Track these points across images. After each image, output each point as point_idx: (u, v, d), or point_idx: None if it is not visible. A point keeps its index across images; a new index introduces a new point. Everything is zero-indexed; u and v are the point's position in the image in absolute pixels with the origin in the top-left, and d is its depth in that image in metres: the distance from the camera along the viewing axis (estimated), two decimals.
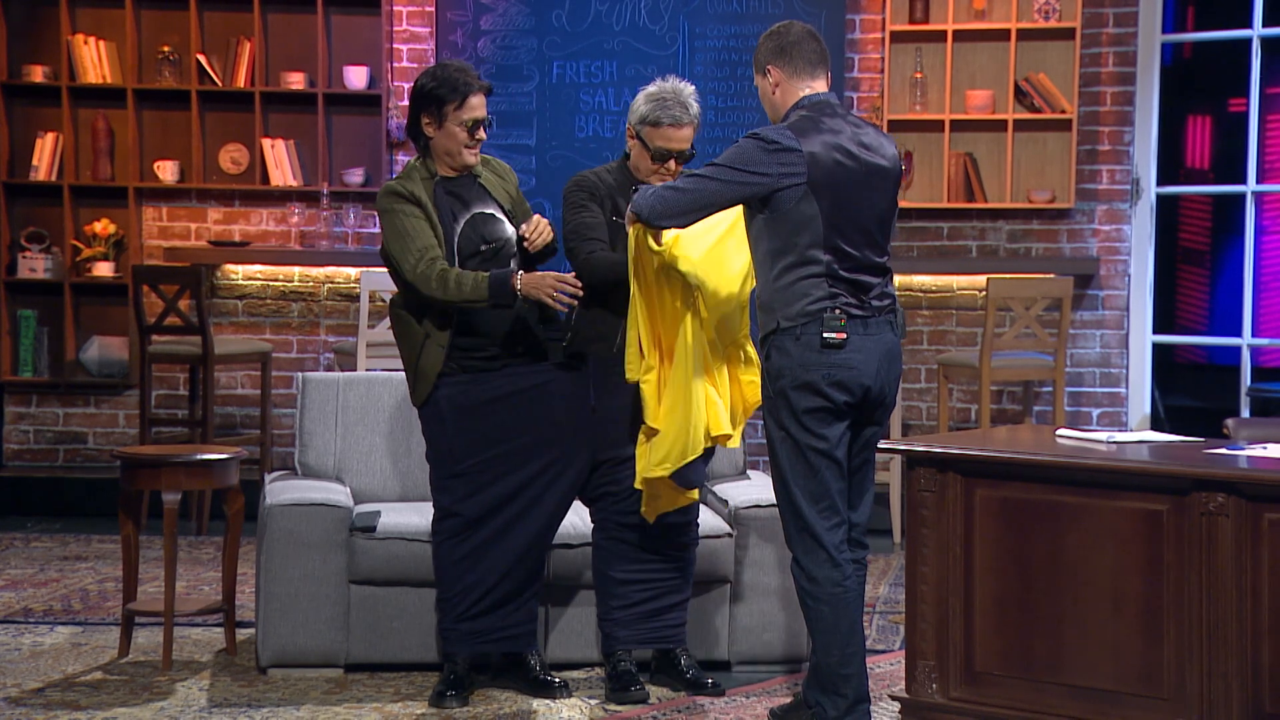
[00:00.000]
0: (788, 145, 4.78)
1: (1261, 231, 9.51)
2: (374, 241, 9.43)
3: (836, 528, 4.89)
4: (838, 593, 4.88)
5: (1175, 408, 9.84)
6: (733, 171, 4.79)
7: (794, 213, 4.79)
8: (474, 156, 5.53)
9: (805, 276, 4.81)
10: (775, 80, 4.97)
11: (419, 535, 5.71)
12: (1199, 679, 4.53)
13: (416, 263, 5.38)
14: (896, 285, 9.09)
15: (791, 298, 4.82)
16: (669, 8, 9.34)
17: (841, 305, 4.81)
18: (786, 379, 4.83)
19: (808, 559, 4.89)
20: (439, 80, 5.49)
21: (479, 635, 5.48)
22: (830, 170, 4.80)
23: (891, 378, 4.93)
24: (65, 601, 6.86)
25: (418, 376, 5.48)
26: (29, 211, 9.46)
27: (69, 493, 9.10)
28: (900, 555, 8.00)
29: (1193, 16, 10.17)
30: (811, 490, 4.86)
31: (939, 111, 9.19)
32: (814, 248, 4.79)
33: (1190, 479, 4.53)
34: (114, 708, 5.35)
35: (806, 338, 4.80)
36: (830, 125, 4.86)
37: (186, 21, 9.31)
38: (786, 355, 4.83)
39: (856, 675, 4.90)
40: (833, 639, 4.89)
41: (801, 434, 4.84)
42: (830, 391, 4.80)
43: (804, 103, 4.93)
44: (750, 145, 4.81)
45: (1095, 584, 4.66)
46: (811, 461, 4.85)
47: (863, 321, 4.84)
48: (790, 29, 4.99)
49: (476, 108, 5.47)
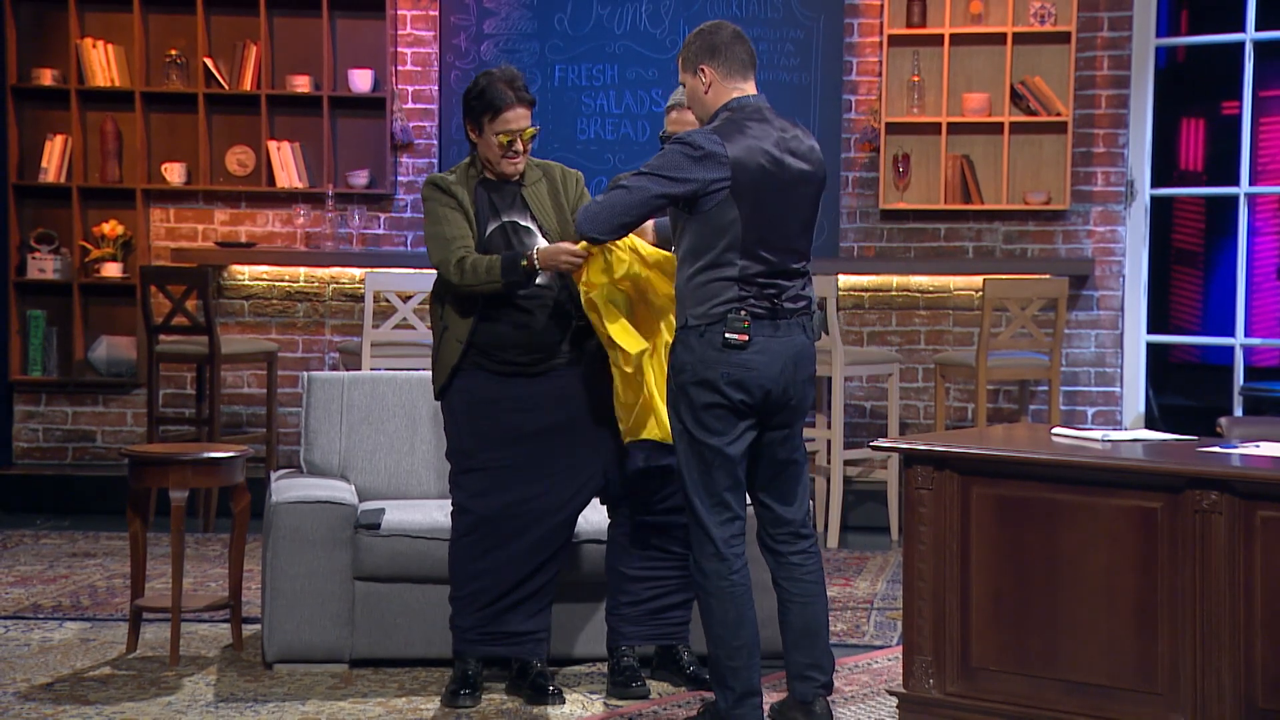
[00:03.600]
0: (713, 151, 4.80)
1: (1254, 233, 9.55)
2: (378, 243, 9.49)
3: (727, 523, 4.93)
4: (724, 586, 4.91)
5: (1169, 407, 9.89)
6: (658, 179, 4.83)
7: (714, 215, 4.83)
8: (512, 167, 5.47)
9: (718, 279, 4.85)
10: (708, 80, 4.96)
11: (423, 532, 5.73)
12: (1192, 674, 4.54)
13: (442, 249, 5.38)
14: (894, 285, 9.26)
15: (702, 296, 4.86)
16: (670, 11, 9.39)
17: (748, 308, 4.85)
18: (687, 374, 4.87)
19: (698, 551, 4.94)
20: (479, 90, 5.45)
21: (492, 638, 5.47)
22: (754, 175, 4.83)
23: (798, 380, 4.94)
24: (74, 597, 6.89)
25: (436, 368, 5.50)
26: (38, 213, 9.49)
27: (78, 490, 9.13)
28: (898, 552, 8.03)
29: (1186, 20, 10.21)
30: (704, 485, 4.91)
31: (936, 114, 9.22)
32: (730, 251, 4.84)
33: (1184, 477, 4.54)
34: (122, 702, 5.37)
35: (710, 335, 4.84)
36: (756, 130, 4.88)
37: (193, 25, 9.34)
38: (689, 351, 4.87)
39: (744, 668, 4.92)
40: (721, 631, 4.92)
41: (698, 430, 4.88)
42: (727, 390, 4.84)
43: (733, 104, 4.94)
44: (677, 152, 4.83)
45: (1090, 581, 4.67)
46: (705, 458, 4.89)
47: (771, 324, 4.87)
48: (722, 29, 4.99)
49: (511, 121, 5.41)
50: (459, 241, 5.40)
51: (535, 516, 5.45)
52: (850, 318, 9.32)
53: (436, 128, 9.48)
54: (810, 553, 5.09)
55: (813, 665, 5.06)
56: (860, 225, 9.38)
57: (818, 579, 5.09)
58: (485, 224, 5.47)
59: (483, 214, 5.48)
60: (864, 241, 9.37)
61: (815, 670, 5.06)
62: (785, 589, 5.08)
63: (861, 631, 6.49)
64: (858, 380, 9.29)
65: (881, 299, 9.35)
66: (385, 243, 9.49)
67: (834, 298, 8.12)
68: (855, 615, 6.73)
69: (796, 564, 5.07)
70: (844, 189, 9.38)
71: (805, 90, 9.36)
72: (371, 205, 9.48)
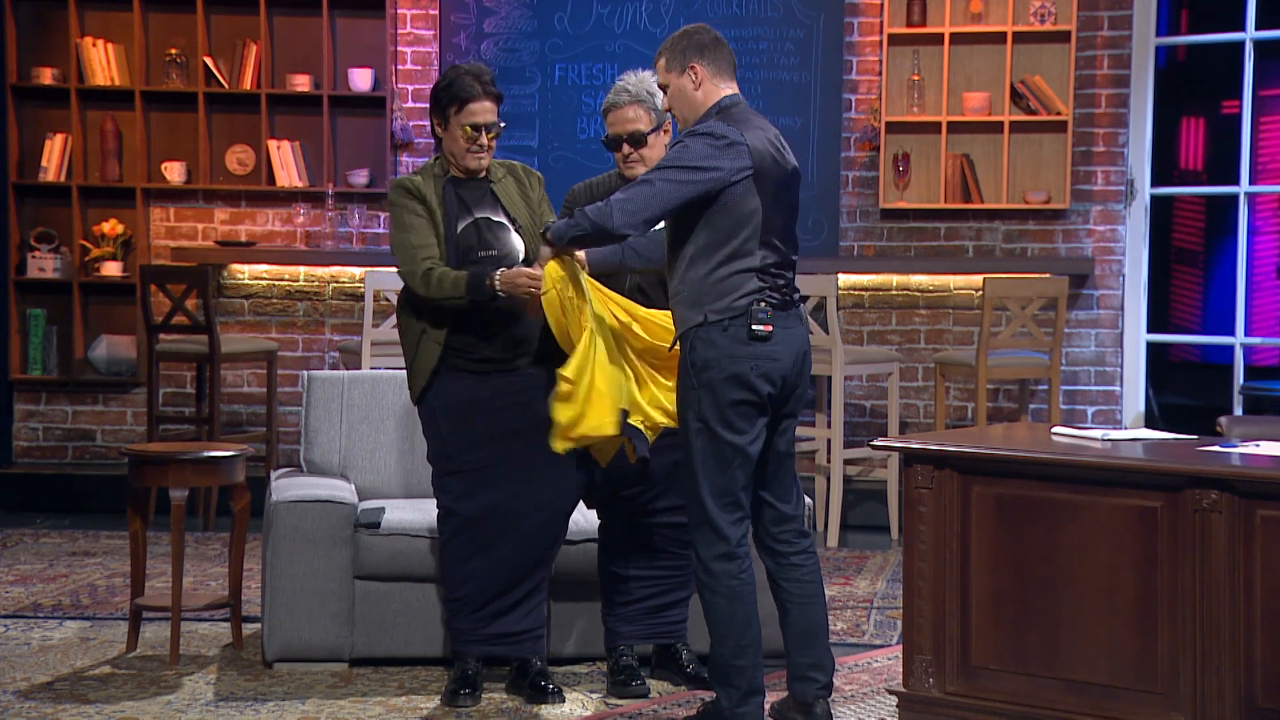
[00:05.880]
0: (735, 139, 4.84)
1: (1254, 232, 9.56)
2: (379, 241, 9.49)
3: (739, 523, 4.93)
4: (734, 585, 4.92)
5: (1169, 406, 9.90)
6: (686, 171, 4.82)
7: (738, 206, 4.85)
8: (477, 161, 5.48)
9: (739, 270, 4.86)
10: (699, 78, 4.98)
11: (422, 531, 5.74)
12: (1192, 673, 4.54)
13: (409, 260, 5.38)
14: (894, 285, 9.27)
15: (723, 291, 4.86)
16: (670, 10, 9.40)
17: (766, 298, 4.88)
18: (714, 370, 4.85)
19: (707, 551, 4.93)
20: (446, 83, 5.47)
21: (491, 639, 5.47)
22: (768, 164, 4.89)
23: (805, 369, 4.99)
24: (74, 596, 6.89)
25: (414, 373, 5.48)
26: (38, 212, 9.50)
27: (78, 489, 9.14)
28: (898, 551, 8.03)
29: (1186, 20, 10.22)
30: (720, 485, 4.89)
31: (936, 113, 9.23)
32: (751, 240, 4.86)
33: (1184, 476, 4.55)
34: (122, 701, 5.37)
35: (734, 330, 4.85)
36: (756, 123, 4.95)
37: (193, 24, 9.36)
38: (713, 347, 4.85)
39: (750, 667, 4.93)
40: (727, 631, 4.92)
41: (722, 428, 4.87)
42: (757, 383, 4.85)
43: (725, 102, 4.98)
44: (700, 142, 4.85)
45: (1090, 580, 4.68)
46: (725, 456, 4.88)
47: (784, 314, 4.91)
48: (704, 30, 5.04)
49: (477, 113, 5.43)
50: (424, 251, 5.39)
51: (522, 514, 5.43)
52: (850, 317, 9.32)
53: None
54: (810, 553, 5.10)
55: (814, 666, 5.07)
56: (860, 224, 9.39)
57: (817, 579, 5.10)
58: (455, 221, 5.45)
59: (451, 211, 5.46)
60: (864, 241, 9.38)
61: (816, 671, 5.07)
62: (786, 590, 5.08)
63: (861, 631, 6.49)
64: (858, 379, 9.30)
65: (881, 298, 9.36)
66: (385, 242, 9.49)
67: (834, 297, 8.12)
68: (855, 615, 6.74)
69: (798, 564, 5.08)
70: (844, 188, 9.39)
71: (805, 89, 9.37)
72: (371, 204, 9.49)
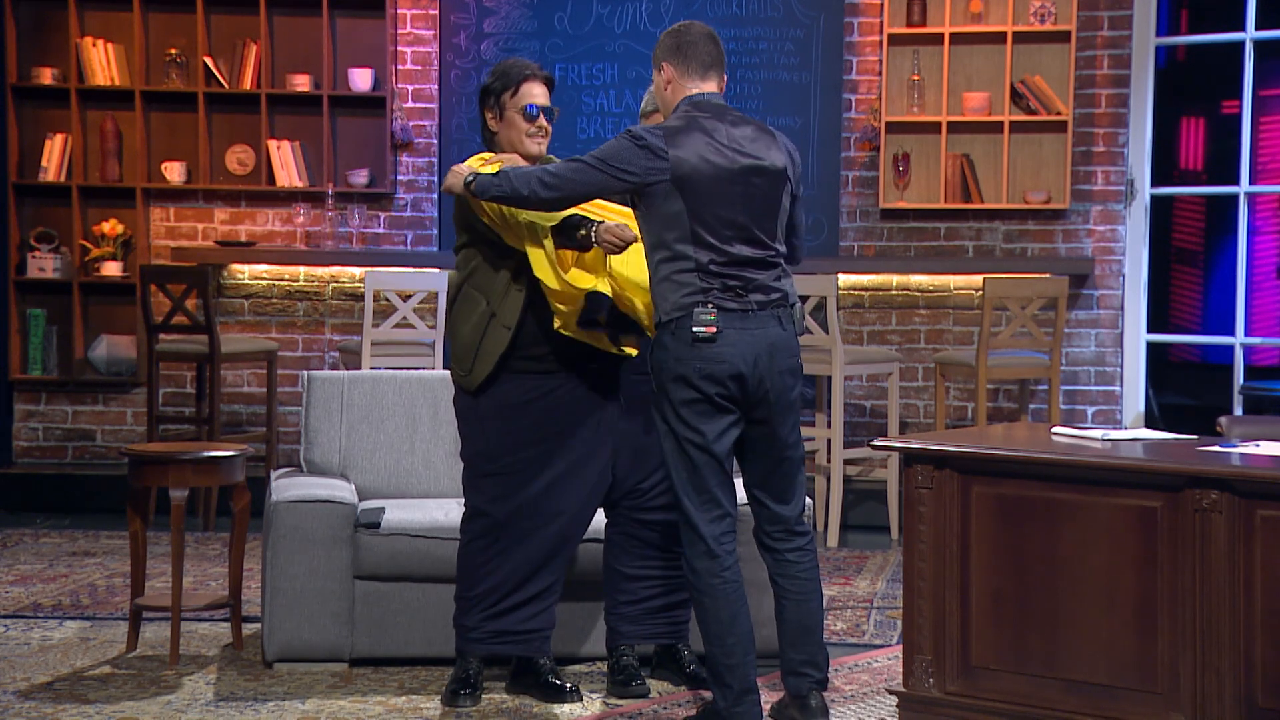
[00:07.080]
0: (654, 145, 4.91)
1: (1254, 232, 9.56)
2: (378, 241, 9.49)
3: (717, 520, 4.95)
4: (715, 584, 4.94)
5: (1169, 406, 9.90)
6: (606, 164, 4.94)
7: (662, 208, 4.92)
8: (537, 145, 5.44)
9: (680, 270, 4.92)
10: (667, 77, 5.08)
11: (423, 531, 5.74)
12: (1192, 673, 4.54)
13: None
14: (894, 284, 9.27)
15: (668, 290, 4.93)
16: (669, 10, 9.40)
17: (714, 299, 4.89)
18: (664, 372, 4.93)
19: (689, 550, 4.97)
20: (500, 72, 5.44)
21: (497, 636, 5.45)
22: (696, 168, 4.90)
23: (775, 371, 4.95)
24: (74, 596, 6.89)
25: (478, 357, 5.36)
26: (38, 212, 9.51)
27: (78, 489, 9.14)
28: (898, 551, 8.03)
29: (1186, 19, 10.23)
30: (692, 483, 4.94)
31: (936, 113, 9.24)
32: (681, 243, 4.91)
33: (1184, 476, 4.54)
34: (122, 701, 5.37)
35: (680, 332, 4.90)
36: (705, 125, 4.96)
37: (193, 24, 9.37)
38: (664, 350, 4.93)
39: (740, 665, 4.94)
40: (715, 630, 4.94)
41: (680, 427, 4.92)
42: (702, 384, 4.88)
43: (689, 100, 5.05)
44: (624, 142, 4.95)
45: (1090, 580, 4.68)
46: (690, 455, 4.92)
47: (740, 315, 4.91)
48: (690, 29, 5.09)
49: (535, 95, 5.41)
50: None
51: (552, 513, 5.44)
52: (850, 317, 9.32)
53: (436, 127, 9.50)
54: (806, 550, 5.11)
55: (807, 661, 5.08)
56: (860, 224, 9.39)
57: (813, 576, 5.11)
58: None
59: None
60: (864, 241, 9.38)
61: (810, 667, 5.08)
62: (781, 585, 5.11)
63: (861, 630, 6.50)
64: (858, 379, 9.30)
65: (881, 298, 9.36)
66: (385, 242, 9.50)
67: (834, 297, 8.13)
68: (855, 614, 6.74)
69: (792, 561, 5.09)
70: (844, 188, 9.39)
71: (805, 89, 9.37)
72: (371, 204, 9.49)
